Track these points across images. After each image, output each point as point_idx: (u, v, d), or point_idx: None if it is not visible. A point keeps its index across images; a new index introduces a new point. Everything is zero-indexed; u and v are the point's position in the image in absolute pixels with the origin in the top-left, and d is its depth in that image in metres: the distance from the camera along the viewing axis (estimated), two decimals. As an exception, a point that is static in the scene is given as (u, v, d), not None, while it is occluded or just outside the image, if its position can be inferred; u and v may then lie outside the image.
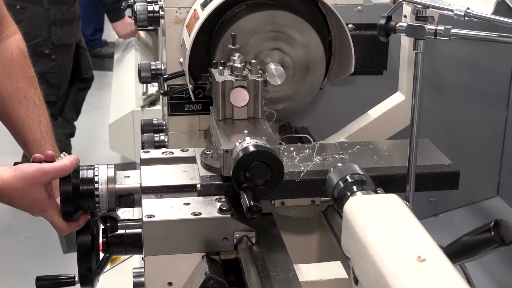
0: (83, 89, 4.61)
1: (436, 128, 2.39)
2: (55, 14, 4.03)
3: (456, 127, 2.43)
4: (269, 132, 1.67)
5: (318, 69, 2.01)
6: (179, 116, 2.15)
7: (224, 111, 1.72)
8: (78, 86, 4.53)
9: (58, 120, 4.34)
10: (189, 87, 1.98)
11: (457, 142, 2.44)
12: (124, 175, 1.69)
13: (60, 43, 4.09)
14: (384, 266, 1.00)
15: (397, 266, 0.99)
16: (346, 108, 2.29)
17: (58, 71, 4.16)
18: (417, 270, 0.98)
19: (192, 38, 1.90)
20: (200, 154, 1.71)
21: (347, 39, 1.93)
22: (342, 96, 2.30)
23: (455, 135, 2.44)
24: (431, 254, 1.00)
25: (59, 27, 4.05)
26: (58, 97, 4.23)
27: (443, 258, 1.00)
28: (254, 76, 1.72)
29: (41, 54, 4.05)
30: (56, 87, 4.19)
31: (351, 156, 1.77)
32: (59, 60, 4.14)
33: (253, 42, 1.94)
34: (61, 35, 4.07)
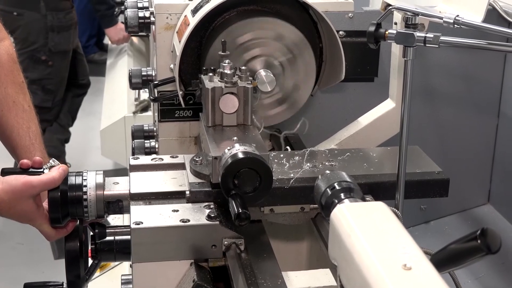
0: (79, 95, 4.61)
1: (427, 135, 2.39)
2: (52, 20, 4.03)
3: (446, 134, 2.44)
4: (258, 139, 1.67)
5: (309, 76, 2.01)
6: (169, 122, 2.15)
7: (214, 118, 1.72)
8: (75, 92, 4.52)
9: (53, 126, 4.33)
10: (179, 93, 1.99)
11: (447, 150, 2.44)
12: (113, 181, 1.69)
13: (57, 49, 4.09)
14: (370, 274, 1.00)
15: (382, 274, 0.98)
16: (336, 115, 2.30)
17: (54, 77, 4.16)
18: (402, 279, 0.97)
19: (183, 44, 1.90)
20: (190, 161, 1.71)
21: (338, 46, 1.94)
22: (333, 103, 2.30)
23: (445, 142, 2.44)
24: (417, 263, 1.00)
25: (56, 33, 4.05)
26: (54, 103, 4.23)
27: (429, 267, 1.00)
28: (244, 83, 1.72)
29: (38, 60, 4.06)
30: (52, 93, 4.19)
31: (341, 163, 1.77)
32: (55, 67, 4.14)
33: (244, 48, 1.94)
34: (58, 42, 4.08)
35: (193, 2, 2.01)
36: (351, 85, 2.28)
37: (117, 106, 4.24)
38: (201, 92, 1.81)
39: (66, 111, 4.48)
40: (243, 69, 1.75)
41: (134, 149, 2.33)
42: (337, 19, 2.12)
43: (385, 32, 1.67)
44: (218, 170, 1.56)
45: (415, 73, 1.69)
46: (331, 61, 2.04)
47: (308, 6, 2.00)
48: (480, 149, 2.48)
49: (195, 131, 2.15)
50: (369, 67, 2.18)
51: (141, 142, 2.35)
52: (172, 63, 2.09)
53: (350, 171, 1.67)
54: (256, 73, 1.93)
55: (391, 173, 1.73)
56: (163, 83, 2.10)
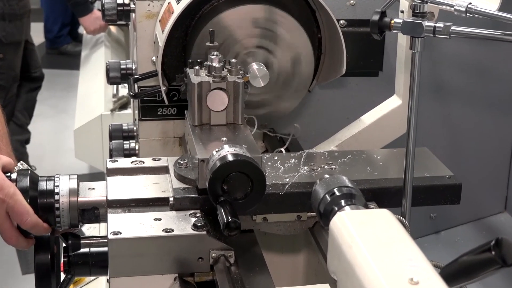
0: (34, 89, 4.54)
1: (436, 136, 2.41)
2: (3, 7, 3.94)
3: (458, 135, 2.45)
4: (250, 140, 1.67)
5: (306, 69, 2.02)
6: (151, 121, 2.15)
7: (201, 116, 1.72)
8: (28, 87, 4.46)
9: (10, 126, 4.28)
10: (162, 89, 1.99)
11: (459, 152, 2.46)
12: (88, 186, 1.69)
13: (9, 40, 4.00)
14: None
15: (387, 289, 0.99)
16: (337, 113, 2.31)
17: (6, 72, 4.10)
18: (409, 294, 0.98)
19: (166, 34, 1.91)
20: (174, 164, 1.72)
21: (338, 36, 1.95)
22: (333, 100, 2.31)
23: (457, 143, 2.46)
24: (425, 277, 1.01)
25: (8, 22, 3.96)
26: (7, 100, 4.16)
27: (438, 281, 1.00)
28: (234, 77, 1.72)
29: None
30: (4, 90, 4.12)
31: (342, 166, 1.78)
32: (7, 60, 4.07)
33: (234, 39, 1.95)
34: (10, 32, 3.98)
35: (177, -12, 2.02)
36: (353, 80, 2.30)
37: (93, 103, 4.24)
38: (186, 88, 1.81)
39: (21, 109, 4.41)
40: (233, 62, 1.75)
41: (112, 150, 2.33)
42: (337, 6, 2.14)
43: (391, 22, 1.68)
44: (205, 174, 1.56)
45: (424, 67, 1.70)
46: (331, 53, 2.05)
47: (305, -7, 2.01)
48: (495, 151, 2.50)
49: (180, 131, 2.16)
50: (373, 60, 2.19)
51: (119, 143, 2.35)
52: (154, 55, 2.09)
53: (352, 175, 1.68)
54: (247, 66, 1.93)
55: (397, 177, 1.74)
56: (144, 78, 2.11)
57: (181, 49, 2.02)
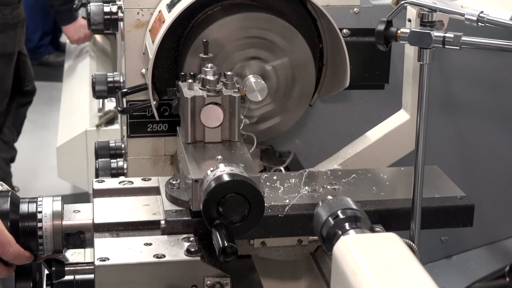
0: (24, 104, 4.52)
1: (447, 153, 2.42)
2: None
3: (470, 152, 2.46)
4: (247, 158, 1.69)
5: (307, 82, 2.04)
6: (141, 138, 2.16)
7: (194, 133, 1.74)
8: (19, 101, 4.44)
9: None
10: (152, 103, 2.01)
11: (472, 170, 2.46)
12: (74, 209, 1.70)
13: (1, 52, 3.99)
14: (380, 319, 1.01)
15: (395, 319, 1.00)
16: (340, 128, 2.32)
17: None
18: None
19: (157, 45, 1.92)
20: (165, 184, 1.73)
21: (341, 46, 1.97)
22: (336, 115, 2.32)
23: (469, 161, 2.46)
24: (436, 305, 1.01)
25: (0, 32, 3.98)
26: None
27: (450, 310, 1.01)
28: (230, 91, 1.74)
29: None
30: None
31: (346, 186, 1.79)
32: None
33: (229, 50, 1.97)
34: (2, 43, 3.96)
35: (169, -5, 2.04)
36: (358, 93, 2.31)
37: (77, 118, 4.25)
38: (178, 102, 1.83)
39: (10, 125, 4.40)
40: (229, 74, 1.77)
41: (98, 170, 2.34)
42: (340, 14, 2.15)
43: (397, 31, 1.70)
44: (199, 195, 1.57)
45: (433, 80, 1.71)
46: (333, 64, 2.07)
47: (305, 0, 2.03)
48: (510, 170, 2.51)
49: (172, 149, 2.17)
50: (378, 72, 2.20)
51: (106, 161, 2.36)
52: (144, 68, 2.11)
53: (357, 196, 1.69)
54: (244, 79, 1.95)
55: (405, 198, 1.75)
56: (133, 91, 2.12)
57: (173, 61, 2.04)
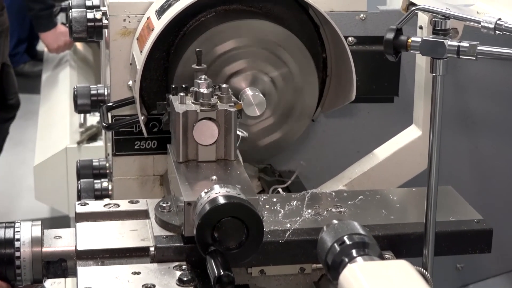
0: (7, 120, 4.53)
1: (462, 173, 2.42)
2: None
3: (487, 171, 2.46)
4: (244, 179, 1.69)
5: (309, 95, 2.05)
6: (127, 156, 2.17)
7: (186, 151, 1.74)
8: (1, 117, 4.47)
9: None
10: (140, 119, 2.01)
11: (489, 191, 2.47)
12: (54, 234, 1.70)
13: None
14: None
15: None
16: (345, 146, 2.33)
17: None
18: None
19: (145, 55, 1.94)
20: (155, 207, 1.73)
21: (347, 56, 1.98)
22: (341, 131, 2.33)
23: (486, 181, 2.47)
24: None
25: None
26: None
27: None
28: (226, 105, 1.75)
29: None
30: None
31: (352, 209, 1.80)
32: None
33: (224, 60, 1.98)
34: None
35: (158, 0, 2.05)
36: (365, 107, 2.32)
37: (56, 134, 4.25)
38: (169, 118, 1.84)
39: None
40: (224, 87, 1.78)
41: (81, 191, 2.34)
42: (345, 21, 2.17)
43: (408, 40, 1.71)
44: (192, 219, 1.58)
45: (447, 92, 1.72)
46: (338, 76, 2.09)
47: (307, 5, 2.05)
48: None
49: (161, 168, 2.18)
50: (387, 84, 2.22)
51: (89, 182, 2.37)
52: (130, 79, 2.12)
53: (364, 220, 1.70)
54: (241, 92, 1.97)
55: (417, 222, 1.76)
56: (119, 106, 2.13)
57: (163, 72, 2.05)
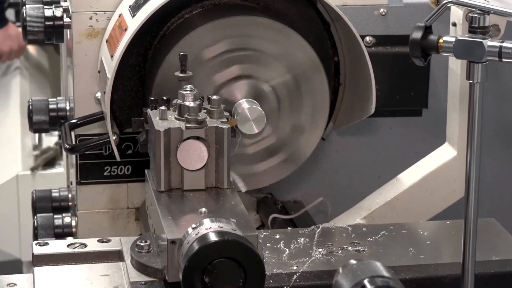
0: None
1: (507, 201, 2.42)
2: None
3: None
4: (240, 211, 1.70)
5: (318, 108, 2.06)
6: (95, 185, 2.19)
7: (169, 178, 1.76)
8: None
9: None
10: (111, 138, 2.02)
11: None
12: (8, 281, 1.71)
13: None
14: None
15: None
16: (364, 170, 2.34)
17: None
18: None
19: (117, 60, 1.94)
20: (130, 247, 1.74)
21: (364, 59, 1.99)
22: (358, 151, 2.35)
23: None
24: None
25: None
26: None
27: None
28: (216, 121, 1.76)
29: None
30: None
31: (373, 247, 1.80)
32: None
33: (214, 66, 2.00)
34: None
35: (132, -6, 2.07)
36: (387, 122, 2.33)
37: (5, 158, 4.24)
38: (147, 137, 1.85)
39: None
40: (215, 99, 1.80)
41: (37, 228, 2.34)
42: (361, 17, 2.18)
43: (439, 40, 1.71)
44: (177, 261, 1.59)
45: (487, 104, 1.73)
46: (353, 84, 2.10)
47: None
48: None
49: (138, 199, 2.19)
50: (414, 94, 2.22)
51: (48, 217, 2.36)
52: (99, 90, 2.13)
53: (388, 260, 1.71)
54: (235, 105, 1.98)
55: (452, 262, 1.76)
56: (85, 123, 2.14)
57: (139, 81, 2.07)
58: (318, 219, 2.17)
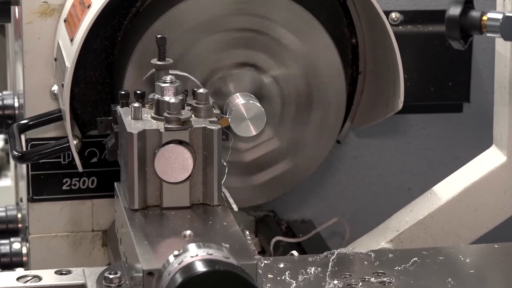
0: None
1: None
2: None
3: None
4: (234, 233, 1.70)
5: (332, 103, 2.08)
6: (51, 202, 2.20)
7: (144, 193, 1.76)
8: None
9: None
10: (71, 143, 2.02)
11: None
12: None
13: None
14: None
15: None
16: (389, 180, 2.36)
17: None
18: None
19: (79, 45, 1.95)
20: (96, 280, 1.74)
21: (389, 42, 2.00)
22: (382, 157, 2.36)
23: None
24: None
25: None
26: None
27: None
28: (205, 121, 1.77)
29: None
30: None
31: (402, 277, 1.81)
32: None
33: (202, 51, 2.01)
34: None
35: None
36: (419, 120, 2.34)
37: None
38: (116, 142, 1.86)
39: None
40: (201, 92, 1.80)
41: (-21, 257, 2.35)
42: (386, -11, 2.21)
43: (482, 17, 1.72)
44: (155, 298, 1.59)
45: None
46: (376, 72, 2.12)
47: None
48: None
49: (104, 220, 2.20)
50: (452, 85, 2.23)
51: (-8, 243, 2.38)
52: (56, 83, 2.14)
53: (421, 295, 1.72)
54: (227, 100, 2.00)
55: (503, 296, 1.78)
56: (38, 124, 2.15)
57: (106, 70, 2.08)
58: (333, 243, 2.18)
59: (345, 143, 2.23)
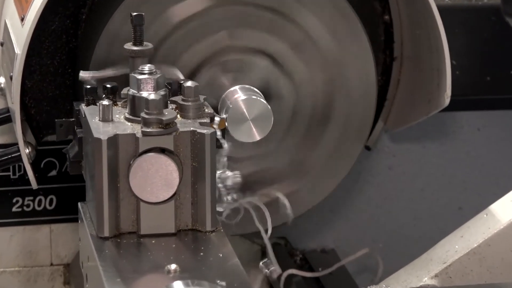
0: None
1: None
2: None
3: None
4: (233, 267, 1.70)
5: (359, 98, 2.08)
6: None
7: (117, 217, 1.76)
8: None
9: None
10: (23, 153, 2.02)
11: None
12: None
13: None
14: None
15: None
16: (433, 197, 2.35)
17: None
18: None
19: (32, 25, 1.95)
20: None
21: (432, 20, 2.00)
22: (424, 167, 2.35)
23: None
24: None
25: None
26: None
27: None
28: (194, 123, 1.76)
29: None
30: None
31: (451, 325, 1.82)
32: None
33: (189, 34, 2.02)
34: None
35: None
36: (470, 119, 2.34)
37: None
38: (80, 150, 1.85)
39: None
40: (190, 86, 1.79)
41: None
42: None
43: None
44: None
45: None
46: (415, 59, 2.12)
47: None
48: None
49: (67, 250, 2.20)
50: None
51: None
52: (2, 74, 2.15)
53: None
54: (222, 96, 2.00)
55: None
56: (-19, 127, 2.15)
57: (66, 58, 2.08)
58: (362, 278, 2.18)
59: (377, 149, 2.22)
